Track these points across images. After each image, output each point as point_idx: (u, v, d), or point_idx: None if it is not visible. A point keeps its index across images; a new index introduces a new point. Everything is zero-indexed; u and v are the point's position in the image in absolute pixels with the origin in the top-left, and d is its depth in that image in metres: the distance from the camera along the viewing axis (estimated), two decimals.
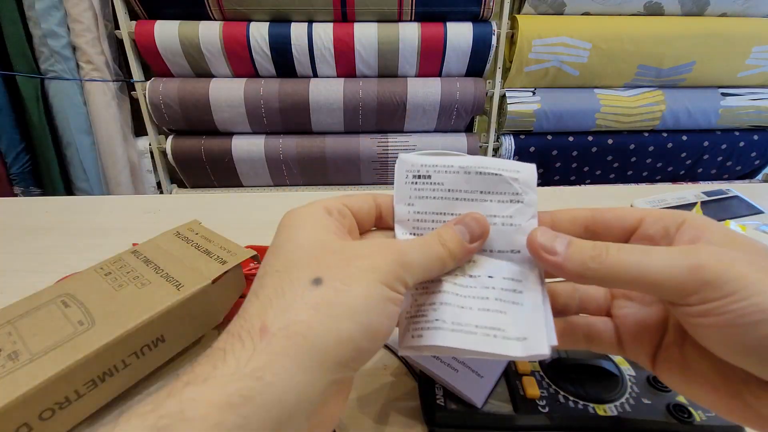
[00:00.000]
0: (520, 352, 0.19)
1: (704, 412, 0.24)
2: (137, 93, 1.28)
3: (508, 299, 0.20)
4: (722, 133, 1.40)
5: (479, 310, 0.20)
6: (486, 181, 0.22)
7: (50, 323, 0.26)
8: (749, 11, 1.29)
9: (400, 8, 1.20)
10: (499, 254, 0.22)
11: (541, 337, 0.19)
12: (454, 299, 0.20)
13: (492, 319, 0.20)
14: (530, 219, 0.22)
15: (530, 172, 0.23)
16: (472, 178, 0.22)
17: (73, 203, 0.58)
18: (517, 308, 0.20)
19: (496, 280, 0.21)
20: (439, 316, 0.20)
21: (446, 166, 0.23)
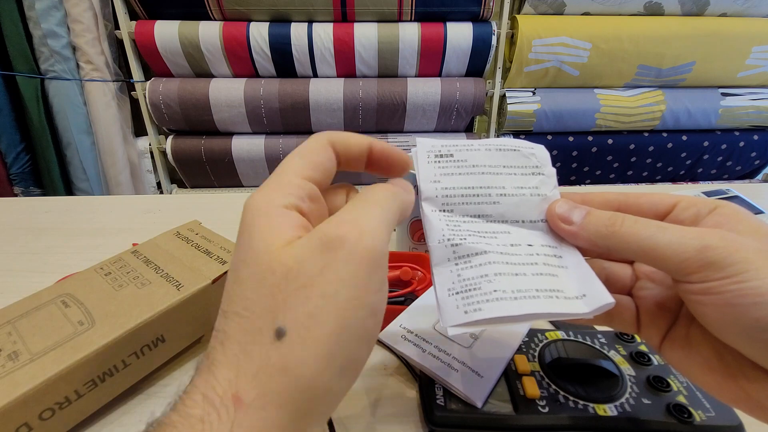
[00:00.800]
0: (586, 308, 0.19)
1: (704, 412, 0.24)
2: (137, 93, 1.28)
3: (553, 263, 0.21)
4: (722, 133, 1.40)
5: (533, 275, 0.20)
6: (507, 156, 0.24)
7: (50, 323, 0.26)
8: (749, 11, 1.29)
9: (400, 8, 1.20)
10: (531, 224, 0.23)
11: (599, 290, 0.19)
12: (507, 268, 0.20)
13: (548, 282, 0.20)
14: (553, 189, 0.23)
15: (542, 149, 0.24)
16: (493, 155, 0.24)
17: (73, 203, 0.58)
18: (565, 271, 0.21)
19: (536, 247, 0.22)
20: (497, 287, 0.20)
21: (466, 144, 0.24)
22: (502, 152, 0.24)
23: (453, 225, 0.22)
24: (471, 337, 0.29)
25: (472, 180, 0.23)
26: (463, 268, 0.21)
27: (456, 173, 0.23)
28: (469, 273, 0.20)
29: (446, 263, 0.21)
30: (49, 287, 0.30)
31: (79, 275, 0.31)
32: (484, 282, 0.20)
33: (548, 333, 0.31)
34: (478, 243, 0.21)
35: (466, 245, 0.21)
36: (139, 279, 0.31)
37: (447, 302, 0.20)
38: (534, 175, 0.23)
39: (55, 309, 0.28)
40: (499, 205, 0.23)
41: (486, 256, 0.21)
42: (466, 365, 0.27)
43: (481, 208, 0.23)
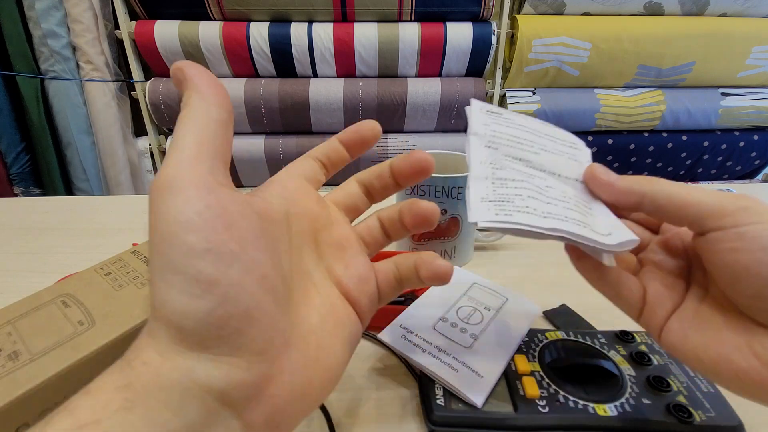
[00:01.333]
0: (612, 241, 0.20)
1: (704, 413, 0.24)
2: (137, 93, 1.28)
3: (584, 209, 0.22)
4: (722, 133, 1.40)
5: (564, 208, 0.21)
6: (547, 128, 0.26)
7: (50, 323, 0.26)
8: (749, 11, 1.29)
9: (400, 8, 1.20)
10: (567, 180, 0.24)
11: (624, 229, 0.21)
12: (540, 196, 0.22)
13: (578, 215, 0.21)
14: (589, 160, 0.25)
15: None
16: (536, 123, 0.26)
17: (73, 203, 0.58)
18: (593, 217, 0.22)
19: (570, 194, 0.23)
20: (529, 204, 0.21)
21: (512, 113, 0.26)
22: (543, 124, 0.26)
23: (496, 157, 0.23)
24: (471, 337, 0.29)
25: (518, 132, 0.25)
26: (499, 186, 0.22)
27: (504, 125, 0.25)
28: (504, 191, 0.22)
29: (483, 180, 0.22)
30: (49, 287, 0.30)
31: (79, 275, 0.31)
32: (518, 198, 0.21)
33: (548, 333, 0.31)
34: (517, 173, 0.23)
35: (505, 171, 0.23)
36: (139, 279, 0.31)
37: (479, 206, 0.21)
38: (571, 149, 0.25)
39: (55, 309, 0.28)
40: (540, 156, 0.24)
41: (522, 182, 0.22)
42: (466, 365, 0.27)
43: (523, 153, 0.24)
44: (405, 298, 0.36)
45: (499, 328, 0.31)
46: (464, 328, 0.30)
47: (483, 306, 0.33)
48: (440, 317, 0.31)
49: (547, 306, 0.37)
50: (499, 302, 0.33)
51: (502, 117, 0.25)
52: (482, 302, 0.33)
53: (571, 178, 0.24)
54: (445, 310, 0.32)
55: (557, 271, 0.42)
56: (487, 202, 0.21)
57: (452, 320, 0.31)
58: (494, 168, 0.23)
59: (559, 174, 0.24)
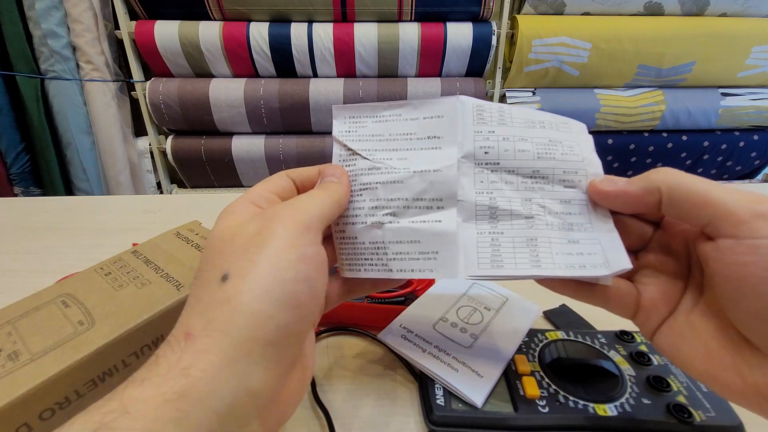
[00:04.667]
0: (605, 272, 0.21)
1: (704, 413, 0.24)
2: (137, 93, 1.28)
3: (583, 228, 0.23)
4: (722, 133, 1.40)
5: (560, 242, 0.22)
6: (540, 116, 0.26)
7: (50, 323, 0.26)
8: (749, 11, 1.29)
9: (400, 8, 1.20)
10: (564, 174, 0.23)
11: (618, 253, 0.21)
12: (536, 233, 0.22)
13: (575, 248, 0.22)
14: (592, 152, 0.24)
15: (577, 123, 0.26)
16: (537, 116, 0.26)
17: (73, 203, 0.58)
18: (591, 235, 0.22)
19: (554, 222, 0.23)
20: (521, 252, 0.22)
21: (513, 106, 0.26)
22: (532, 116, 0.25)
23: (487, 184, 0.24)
24: (471, 337, 0.29)
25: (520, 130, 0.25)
26: (494, 235, 0.23)
27: (509, 124, 0.25)
28: (500, 239, 0.23)
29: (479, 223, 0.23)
30: (49, 287, 0.30)
31: (79, 275, 0.31)
32: (509, 246, 0.22)
33: (548, 333, 0.31)
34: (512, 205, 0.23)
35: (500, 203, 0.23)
36: (139, 279, 0.31)
37: (470, 249, 0.23)
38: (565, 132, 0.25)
39: (55, 309, 0.28)
40: (539, 161, 0.24)
41: (520, 220, 0.23)
42: (466, 365, 0.27)
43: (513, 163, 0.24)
44: (405, 298, 0.36)
45: (499, 328, 0.31)
46: (464, 328, 0.30)
47: (483, 306, 0.33)
48: (440, 317, 0.31)
49: (547, 306, 0.37)
50: (499, 302, 0.33)
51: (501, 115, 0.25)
52: (482, 302, 0.33)
53: (575, 182, 0.23)
54: (445, 310, 0.32)
55: None
56: (478, 247, 0.23)
57: (452, 320, 0.31)
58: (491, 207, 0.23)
59: (562, 179, 0.23)
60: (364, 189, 0.24)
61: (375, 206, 0.24)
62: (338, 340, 0.34)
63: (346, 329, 0.34)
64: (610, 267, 0.21)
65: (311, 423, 0.27)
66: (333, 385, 0.30)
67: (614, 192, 0.21)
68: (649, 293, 0.22)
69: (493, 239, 0.23)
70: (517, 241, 0.22)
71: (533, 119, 0.25)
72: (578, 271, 0.21)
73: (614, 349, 0.29)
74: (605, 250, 0.21)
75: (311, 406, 0.28)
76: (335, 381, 0.30)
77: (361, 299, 0.35)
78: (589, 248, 0.22)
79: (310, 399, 0.28)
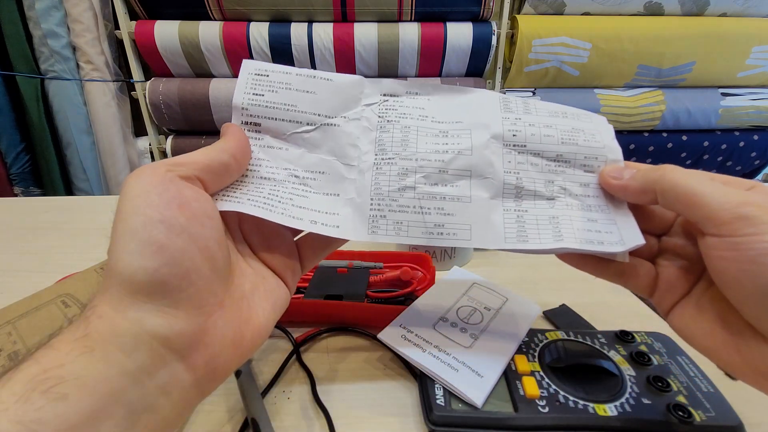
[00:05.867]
0: (621, 249, 0.22)
1: (704, 412, 0.24)
2: (137, 93, 1.28)
3: (600, 209, 0.24)
4: (722, 133, 1.40)
5: (580, 220, 0.24)
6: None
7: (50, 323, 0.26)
8: (749, 11, 1.29)
9: (400, 8, 1.20)
10: (585, 159, 0.25)
11: (632, 230, 0.23)
12: (557, 213, 0.24)
13: (593, 226, 0.24)
14: (612, 140, 0.26)
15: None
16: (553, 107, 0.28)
17: (73, 203, 0.58)
18: (596, 223, 0.24)
19: (574, 203, 0.25)
20: (544, 228, 0.24)
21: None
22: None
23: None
24: (471, 337, 0.29)
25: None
26: (521, 212, 0.25)
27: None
28: (527, 216, 0.24)
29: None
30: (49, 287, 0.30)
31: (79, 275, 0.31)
32: (538, 222, 0.24)
33: (548, 333, 0.31)
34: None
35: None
36: None
37: (497, 225, 0.24)
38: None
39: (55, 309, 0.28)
40: (564, 146, 0.25)
41: (546, 201, 0.25)
42: (466, 365, 0.27)
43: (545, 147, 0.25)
44: (405, 298, 0.36)
45: (499, 328, 0.31)
46: (464, 328, 0.30)
47: (483, 306, 0.33)
48: (440, 317, 0.31)
49: (547, 306, 0.37)
50: (499, 302, 0.33)
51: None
52: (482, 302, 0.33)
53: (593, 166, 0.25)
54: (445, 310, 0.32)
55: (557, 271, 0.42)
56: (506, 223, 0.24)
57: (452, 320, 0.31)
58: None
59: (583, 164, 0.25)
60: (402, 158, 0.25)
61: (406, 169, 0.25)
62: (338, 340, 0.34)
63: (346, 329, 0.34)
64: (625, 244, 0.22)
65: (311, 423, 0.27)
66: (333, 385, 0.30)
67: (618, 186, 0.24)
68: (667, 275, 0.23)
69: (519, 216, 0.24)
70: (540, 219, 0.24)
71: (556, 110, 0.27)
72: (597, 246, 0.23)
73: (614, 349, 0.29)
74: (620, 229, 0.23)
75: (311, 406, 0.28)
76: (335, 381, 0.30)
77: (362, 299, 0.35)
78: (607, 227, 0.23)
79: (310, 399, 0.28)
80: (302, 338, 0.33)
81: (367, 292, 0.36)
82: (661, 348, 0.30)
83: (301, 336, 0.33)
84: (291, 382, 0.30)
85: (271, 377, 0.30)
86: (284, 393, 0.29)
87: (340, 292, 0.36)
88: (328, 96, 0.26)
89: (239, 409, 0.27)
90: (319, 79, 0.26)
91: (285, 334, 0.33)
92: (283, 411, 0.28)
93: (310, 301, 0.35)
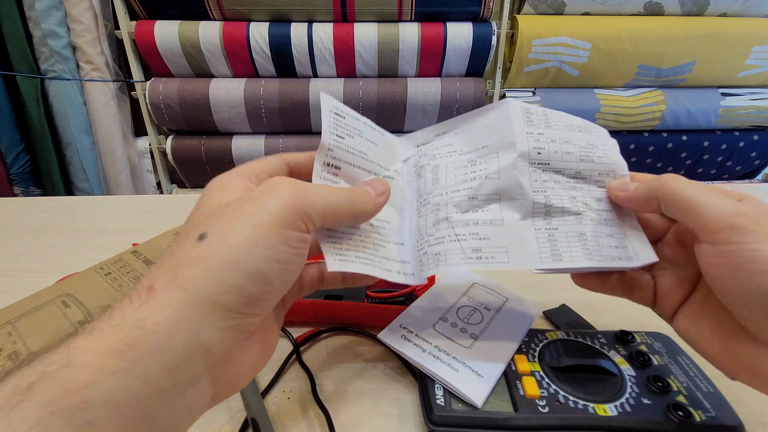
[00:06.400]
0: (635, 264, 0.23)
1: (704, 412, 0.24)
2: (137, 93, 1.28)
3: (614, 224, 0.25)
4: (722, 133, 1.40)
5: (603, 236, 0.25)
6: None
7: (50, 323, 0.27)
8: (749, 11, 1.29)
9: (400, 8, 1.20)
10: (599, 175, 0.26)
11: (646, 248, 0.24)
12: (584, 229, 0.25)
13: (612, 242, 0.24)
14: (618, 155, 0.27)
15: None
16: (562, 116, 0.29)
17: (73, 203, 0.58)
18: (621, 230, 0.25)
19: (603, 203, 0.26)
20: (575, 246, 0.24)
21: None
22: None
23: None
24: (471, 337, 0.29)
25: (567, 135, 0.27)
26: (550, 229, 0.25)
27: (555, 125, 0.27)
28: (556, 233, 0.25)
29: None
30: (49, 287, 0.30)
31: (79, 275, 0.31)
32: (566, 239, 0.25)
33: (548, 333, 0.31)
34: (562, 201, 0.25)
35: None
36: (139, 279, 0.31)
37: (532, 242, 0.25)
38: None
39: (55, 309, 0.28)
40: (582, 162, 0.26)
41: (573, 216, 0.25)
42: (466, 365, 0.27)
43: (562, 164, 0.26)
44: (405, 298, 0.36)
45: (499, 328, 0.31)
46: (464, 328, 0.30)
47: (483, 306, 0.33)
48: (440, 317, 0.31)
49: (547, 306, 0.37)
50: (499, 302, 0.34)
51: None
52: (482, 302, 0.33)
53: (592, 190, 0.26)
54: (445, 310, 0.32)
55: None
56: (539, 241, 0.25)
57: (452, 320, 0.31)
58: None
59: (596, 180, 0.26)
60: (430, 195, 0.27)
61: (438, 204, 0.26)
62: (338, 340, 0.34)
63: (346, 329, 0.34)
64: (639, 259, 0.23)
65: (311, 423, 0.27)
66: (333, 385, 0.30)
67: (624, 197, 0.25)
68: (663, 283, 0.25)
69: (550, 234, 0.25)
70: (570, 236, 0.25)
71: (571, 123, 0.27)
72: (617, 262, 0.24)
73: (614, 349, 0.29)
74: (633, 243, 0.24)
75: (311, 406, 0.28)
76: (335, 381, 0.30)
77: (361, 299, 0.35)
78: (622, 242, 0.24)
79: (310, 399, 0.28)
80: (302, 338, 0.33)
81: (367, 292, 0.36)
82: (661, 348, 0.30)
83: (301, 336, 0.33)
84: (291, 382, 0.30)
85: (271, 377, 0.30)
86: (284, 393, 0.29)
87: (340, 292, 0.36)
88: (383, 149, 0.27)
89: (239, 409, 0.27)
90: (377, 131, 0.27)
91: (285, 334, 0.33)
92: (283, 411, 0.28)
93: (310, 301, 0.35)
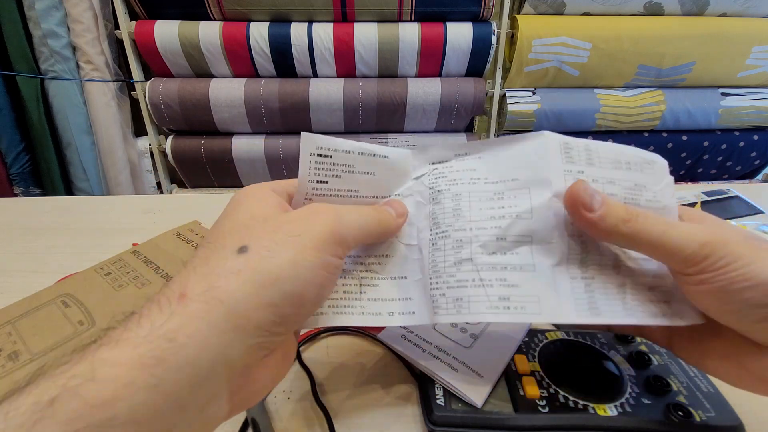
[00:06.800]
0: (681, 323, 0.22)
1: (704, 412, 0.24)
2: (137, 93, 1.28)
3: (656, 273, 0.23)
4: (722, 133, 1.40)
5: (643, 290, 0.22)
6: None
7: (50, 323, 0.27)
8: (749, 11, 1.29)
9: (400, 8, 1.20)
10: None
11: (688, 308, 0.22)
12: (624, 280, 0.23)
13: (654, 296, 0.23)
14: (671, 198, 0.24)
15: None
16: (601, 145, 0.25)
17: (73, 203, 0.58)
18: (660, 281, 0.23)
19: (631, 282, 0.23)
20: (614, 299, 0.22)
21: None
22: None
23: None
24: (471, 337, 0.29)
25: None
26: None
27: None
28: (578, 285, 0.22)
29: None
30: (49, 287, 0.30)
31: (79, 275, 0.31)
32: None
33: (548, 333, 0.31)
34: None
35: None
36: (139, 279, 0.31)
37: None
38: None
39: (55, 309, 0.28)
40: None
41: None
42: (466, 365, 0.27)
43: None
44: None
45: (499, 328, 0.31)
46: (464, 328, 0.30)
47: None
48: None
49: None
50: None
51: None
52: None
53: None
54: None
55: None
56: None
57: None
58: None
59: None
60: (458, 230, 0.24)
61: (461, 241, 0.23)
62: (338, 340, 0.34)
63: (346, 329, 0.34)
64: (683, 318, 0.22)
65: (311, 423, 0.27)
66: (333, 385, 0.30)
67: (589, 220, 0.22)
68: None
69: (587, 284, 0.22)
70: (608, 287, 0.22)
71: (619, 158, 0.24)
72: (660, 319, 0.22)
73: (614, 349, 0.29)
74: (677, 297, 0.22)
75: (311, 406, 0.28)
76: (335, 381, 0.30)
77: None
78: (665, 296, 0.22)
79: (310, 399, 0.28)
80: (302, 338, 0.33)
81: None
82: (661, 348, 0.30)
83: (301, 336, 0.33)
84: (291, 382, 0.30)
85: None
86: (284, 393, 0.29)
87: None
88: (384, 175, 0.25)
89: None
90: (378, 157, 0.25)
91: None
92: (283, 411, 0.28)
93: None
